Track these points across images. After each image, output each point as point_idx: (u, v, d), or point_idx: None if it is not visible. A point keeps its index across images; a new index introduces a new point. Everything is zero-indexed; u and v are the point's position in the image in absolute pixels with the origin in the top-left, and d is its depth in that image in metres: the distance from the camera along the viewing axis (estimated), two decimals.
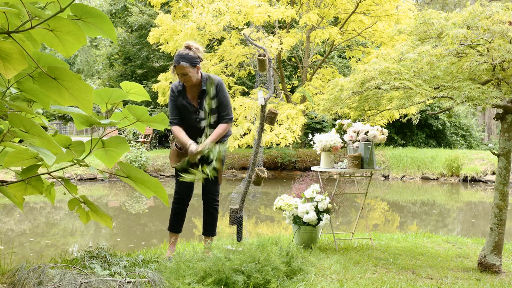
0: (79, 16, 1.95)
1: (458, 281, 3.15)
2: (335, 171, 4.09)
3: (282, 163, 14.23)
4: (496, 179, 3.41)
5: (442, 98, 3.21)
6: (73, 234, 6.62)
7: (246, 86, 15.39)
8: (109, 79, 19.91)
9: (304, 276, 3.05)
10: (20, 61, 1.77)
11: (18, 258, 4.84)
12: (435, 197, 10.53)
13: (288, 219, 4.05)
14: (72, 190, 2.99)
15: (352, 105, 3.62)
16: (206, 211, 3.61)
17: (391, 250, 4.06)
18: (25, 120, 2.06)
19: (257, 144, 3.59)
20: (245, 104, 11.58)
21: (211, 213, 3.60)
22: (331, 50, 14.02)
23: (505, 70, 3.12)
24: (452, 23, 3.18)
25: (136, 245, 5.67)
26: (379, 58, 3.55)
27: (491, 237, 3.38)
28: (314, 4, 12.76)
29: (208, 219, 3.61)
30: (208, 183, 3.54)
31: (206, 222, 3.62)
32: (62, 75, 1.93)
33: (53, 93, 1.97)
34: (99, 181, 12.27)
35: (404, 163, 13.51)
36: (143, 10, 18.58)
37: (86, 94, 1.97)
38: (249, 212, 8.03)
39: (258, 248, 3.07)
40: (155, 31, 11.93)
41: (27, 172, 2.68)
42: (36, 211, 8.46)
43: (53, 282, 2.49)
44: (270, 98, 3.59)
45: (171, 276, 2.79)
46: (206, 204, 3.60)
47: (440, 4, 25.18)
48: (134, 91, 3.33)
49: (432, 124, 17.27)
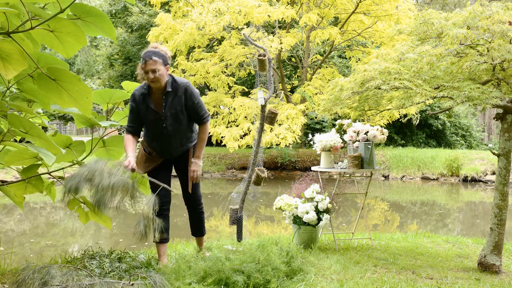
0: (79, 16, 1.95)
1: (458, 281, 3.15)
2: (335, 171, 4.09)
3: (282, 163, 14.23)
4: (496, 179, 3.41)
5: (442, 98, 3.21)
6: (73, 234, 6.62)
7: (246, 86, 15.38)
8: (109, 79, 19.90)
9: (304, 276, 3.05)
10: (20, 62, 1.77)
11: (18, 258, 4.84)
12: (435, 197, 10.53)
13: (288, 219, 4.05)
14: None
15: (352, 105, 3.62)
16: (192, 216, 3.44)
17: (391, 250, 4.06)
18: (25, 121, 2.06)
19: (257, 144, 3.59)
20: (245, 104, 11.58)
21: (197, 217, 3.44)
22: (331, 50, 14.02)
23: (505, 70, 3.12)
24: (452, 23, 3.18)
25: (139, 245, 5.67)
26: (379, 58, 3.55)
27: (491, 237, 3.38)
28: (314, 4, 12.76)
29: (194, 222, 3.45)
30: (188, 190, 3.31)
31: (193, 225, 3.46)
32: (62, 76, 1.92)
33: (52, 95, 1.97)
34: None
35: (404, 163, 13.51)
36: (143, 10, 18.58)
37: (86, 96, 1.96)
38: (249, 212, 8.03)
39: (258, 248, 3.07)
40: (155, 30, 11.93)
41: (27, 172, 2.68)
42: (36, 211, 8.46)
43: (57, 283, 2.48)
44: (270, 98, 3.59)
45: (171, 276, 2.79)
46: (190, 209, 3.41)
47: (440, 4, 25.17)
48: None
49: (432, 124, 17.27)
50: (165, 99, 3.05)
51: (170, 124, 3.08)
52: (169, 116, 3.06)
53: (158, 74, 2.95)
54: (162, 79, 2.99)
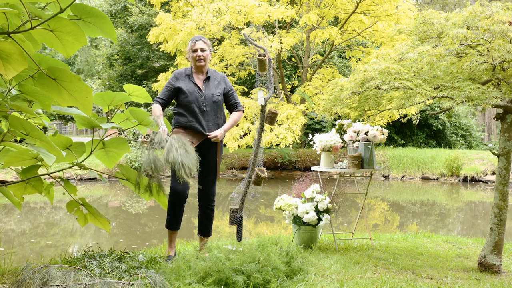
0: (79, 16, 1.95)
1: (458, 281, 3.15)
2: (335, 171, 4.09)
3: (282, 163, 14.23)
4: (496, 179, 3.41)
5: (442, 98, 3.21)
6: (73, 234, 6.62)
7: (246, 86, 15.38)
8: (109, 79, 19.91)
9: (304, 276, 3.05)
10: (20, 62, 1.77)
11: (18, 258, 4.84)
12: (435, 197, 10.53)
13: (288, 219, 4.05)
14: (71, 191, 2.99)
15: (352, 105, 3.62)
16: (202, 212, 3.59)
17: (391, 250, 4.06)
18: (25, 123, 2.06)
19: (257, 144, 3.59)
20: (245, 104, 11.58)
21: (207, 214, 3.59)
22: (331, 50, 14.02)
23: (505, 70, 3.12)
24: (452, 23, 3.18)
25: (139, 245, 5.67)
26: (379, 58, 3.55)
27: (491, 237, 3.38)
28: (314, 4, 12.76)
29: (204, 220, 3.60)
30: (206, 184, 3.53)
31: (202, 223, 3.60)
32: (62, 76, 1.93)
33: (53, 94, 1.97)
34: (99, 181, 12.27)
35: (404, 163, 13.51)
36: (143, 10, 18.58)
37: (86, 95, 1.97)
38: (249, 212, 8.03)
39: (258, 248, 3.07)
40: (155, 30, 11.93)
41: (27, 172, 2.68)
42: (36, 211, 8.46)
43: (57, 283, 2.48)
44: (270, 98, 3.59)
45: (171, 276, 2.79)
46: (202, 205, 3.58)
47: (440, 4, 25.18)
48: (136, 94, 3.33)
49: (432, 124, 17.27)
50: (206, 82, 3.49)
51: (209, 104, 3.44)
52: (208, 97, 3.45)
53: (205, 53, 3.45)
54: (207, 60, 3.47)
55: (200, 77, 3.51)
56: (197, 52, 3.43)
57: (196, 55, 3.43)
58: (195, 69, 3.51)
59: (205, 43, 3.47)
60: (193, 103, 3.42)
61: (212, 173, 3.54)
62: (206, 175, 3.52)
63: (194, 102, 3.42)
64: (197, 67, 3.47)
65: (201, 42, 3.44)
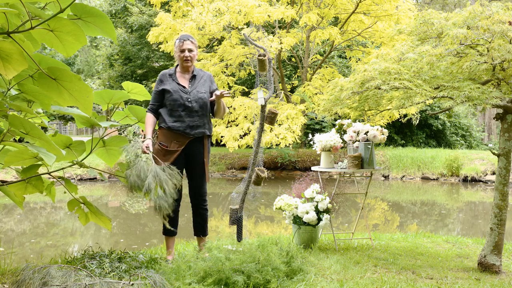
0: (79, 16, 1.95)
1: (458, 281, 3.15)
2: (335, 171, 4.09)
3: (282, 163, 14.23)
4: (496, 179, 3.41)
5: (442, 98, 3.20)
6: (73, 234, 6.62)
7: (246, 86, 15.38)
8: (109, 79, 19.91)
9: (304, 276, 3.05)
10: (20, 62, 1.77)
11: (18, 258, 4.84)
12: (435, 197, 10.53)
13: (288, 219, 4.05)
14: (72, 190, 2.99)
15: (352, 105, 3.62)
16: (196, 213, 3.57)
17: (391, 250, 4.06)
18: (25, 122, 2.06)
19: (257, 144, 3.59)
20: (245, 104, 11.58)
21: (201, 214, 3.57)
22: (331, 50, 14.02)
23: (505, 70, 3.12)
24: (452, 23, 3.18)
25: (139, 245, 5.67)
26: (379, 58, 3.54)
27: (491, 237, 3.38)
28: (314, 4, 12.76)
29: (199, 220, 3.57)
30: (195, 184, 3.51)
31: (197, 223, 3.58)
32: (62, 75, 1.93)
33: (53, 94, 1.97)
34: (99, 181, 12.27)
35: (404, 163, 13.51)
36: (143, 10, 18.58)
37: (86, 95, 1.97)
38: (249, 212, 8.03)
39: (258, 248, 3.07)
40: (155, 30, 11.92)
41: (27, 172, 2.68)
42: (36, 211, 8.46)
43: (58, 283, 2.48)
44: (270, 98, 3.59)
45: (171, 276, 2.79)
46: (195, 206, 3.56)
47: (440, 4, 25.18)
48: (135, 91, 3.33)
49: (432, 124, 17.27)
50: (191, 80, 3.50)
51: (195, 100, 3.43)
52: (194, 93, 3.44)
53: (192, 54, 3.46)
54: (194, 60, 3.50)
55: (186, 76, 3.52)
56: (185, 52, 3.44)
57: (183, 55, 3.44)
58: (181, 68, 3.52)
59: (193, 43, 3.48)
60: (177, 101, 3.41)
61: (200, 173, 3.51)
62: (195, 175, 3.50)
63: (178, 100, 3.41)
64: (184, 67, 3.49)
65: (189, 42, 3.45)
